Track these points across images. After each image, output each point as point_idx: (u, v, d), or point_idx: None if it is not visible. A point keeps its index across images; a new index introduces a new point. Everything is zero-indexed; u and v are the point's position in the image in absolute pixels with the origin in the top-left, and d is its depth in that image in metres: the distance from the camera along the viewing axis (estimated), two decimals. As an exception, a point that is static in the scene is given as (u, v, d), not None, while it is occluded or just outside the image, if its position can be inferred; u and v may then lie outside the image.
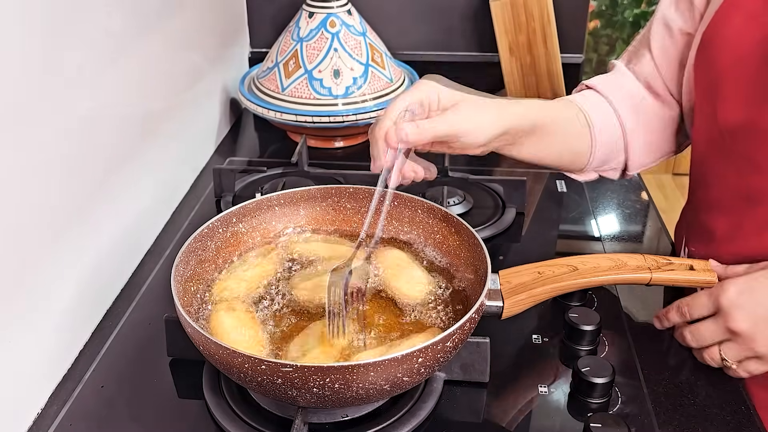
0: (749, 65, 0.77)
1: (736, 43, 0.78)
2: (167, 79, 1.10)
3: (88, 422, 0.74)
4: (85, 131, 0.83)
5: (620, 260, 0.80)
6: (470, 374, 0.76)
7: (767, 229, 0.78)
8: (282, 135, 1.37)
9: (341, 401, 0.64)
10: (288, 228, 0.90)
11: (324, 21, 1.27)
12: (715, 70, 0.80)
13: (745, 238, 0.81)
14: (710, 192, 0.86)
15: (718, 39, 0.80)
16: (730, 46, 0.78)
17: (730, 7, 0.79)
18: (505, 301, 0.76)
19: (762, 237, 0.79)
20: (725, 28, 0.79)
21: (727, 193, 0.83)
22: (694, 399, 0.76)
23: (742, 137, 0.78)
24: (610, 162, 0.95)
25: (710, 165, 0.85)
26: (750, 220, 0.80)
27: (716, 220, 0.84)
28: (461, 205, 1.09)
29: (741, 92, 0.78)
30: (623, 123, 0.93)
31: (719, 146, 0.82)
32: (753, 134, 0.77)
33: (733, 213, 0.82)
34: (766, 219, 0.78)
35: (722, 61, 0.79)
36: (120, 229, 0.93)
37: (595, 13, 2.81)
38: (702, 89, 0.83)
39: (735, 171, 0.80)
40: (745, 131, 0.78)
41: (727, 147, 0.80)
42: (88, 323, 0.86)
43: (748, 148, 0.78)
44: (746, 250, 0.80)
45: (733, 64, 0.78)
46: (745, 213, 0.80)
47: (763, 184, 0.78)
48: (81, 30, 0.82)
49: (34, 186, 0.74)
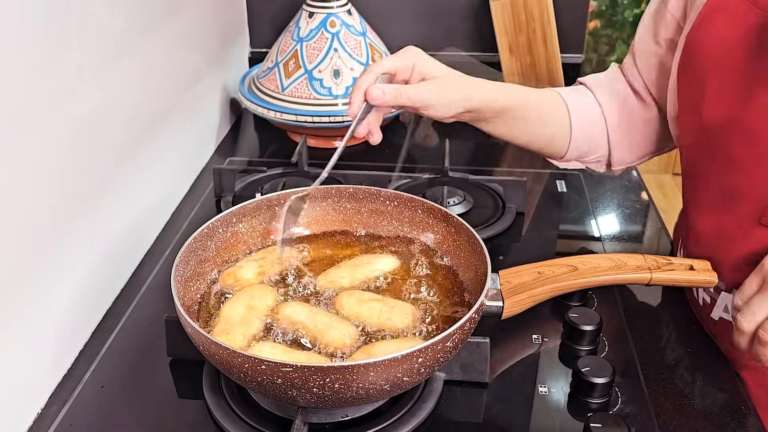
0: (731, 63, 0.77)
1: (719, 43, 0.78)
2: (167, 79, 1.10)
3: (88, 422, 0.74)
4: (85, 131, 0.83)
5: (620, 260, 0.80)
6: (470, 374, 0.76)
7: (751, 226, 0.78)
8: (282, 135, 1.37)
9: (341, 401, 0.64)
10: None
11: (324, 21, 1.27)
12: (699, 70, 0.81)
13: (731, 236, 0.81)
14: (696, 192, 0.87)
15: (702, 41, 0.80)
16: (713, 46, 0.79)
17: (712, 10, 0.80)
18: (505, 301, 0.76)
19: (747, 234, 0.79)
20: (708, 30, 0.80)
21: (711, 192, 0.83)
22: (694, 399, 0.76)
23: (724, 135, 0.79)
24: (593, 153, 0.98)
25: (695, 165, 0.86)
26: (732, 219, 0.80)
27: (703, 219, 0.85)
28: (461, 205, 1.09)
29: (724, 90, 0.78)
30: (606, 116, 0.96)
31: (704, 146, 0.82)
32: (735, 131, 0.77)
33: (717, 212, 0.82)
34: (747, 217, 0.78)
35: (706, 61, 0.80)
36: (120, 229, 0.93)
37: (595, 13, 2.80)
38: (687, 90, 0.84)
39: (718, 170, 0.81)
40: (727, 128, 0.78)
41: (711, 146, 0.81)
42: (88, 323, 0.86)
43: (730, 146, 0.78)
44: (734, 249, 0.80)
45: (716, 62, 0.79)
46: (727, 212, 0.81)
47: (744, 181, 0.78)
48: (81, 30, 0.82)
49: (34, 186, 0.74)
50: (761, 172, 0.76)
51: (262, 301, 0.77)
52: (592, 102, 0.97)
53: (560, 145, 0.96)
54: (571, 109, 0.95)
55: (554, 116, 0.95)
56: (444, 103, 0.82)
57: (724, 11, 0.78)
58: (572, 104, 0.96)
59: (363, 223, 0.91)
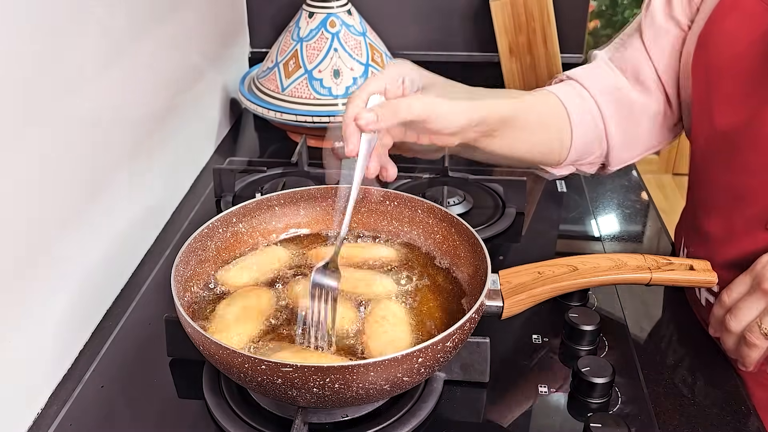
0: (744, 65, 0.76)
1: (732, 43, 0.77)
2: (167, 79, 1.10)
3: (88, 422, 0.74)
4: (85, 131, 0.83)
5: (620, 260, 0.80)
6: (470, 374, 0.76)
7: (758, 231, 0.78)
8: (282, 135, 1.37)
9: (341, 401, 0.64)
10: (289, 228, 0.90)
11: (324, 21, 1.27)
12: (711, 69, 0.80)
13: (737, 239, 0.80)
14: (705, 193, 0.86)
15: (715, 39, 0.79)
16: (726, 46, 0.78)
17: (726, 6, 0.78)
18: (505, 301, 0.76)
19: (753, 238, 0.79)
20: (721, 28, 0.79)
21: (720, 193, 0.82)
22: (694, 399, 0.76)
23: (735, 137, 0.78)
24: (590, 155, 0.93)
25: (706, 165, 0.85)
26: (741, 221, 0.80)
27: (710, 221, 0.84)
28: (461, 205, 1.09)
29: (736, 92, 0.77)
30: (603, 114, 0.91)
31: (715, 146, 0.82)
32: (746, 136, 0.77)
33: (726, 214, 0.82)
34: (756, 220, 0.78)
35: (719, 60, 0.79)
36: (120, 229, 0.93)
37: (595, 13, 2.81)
38: (700, 89, 0.83)
39: (728, 171, 0.80)
40: (738, 131, 0.78)
41: (722, 147, 0.80)
42: (88, 323, 0.86)
43: (742, 148, 0.78)
44: (738, 252, 0.80)
45: (729, 64, 0.78)
46: (736, 214, 0.80)
47: (754, 184, 0.78)
48: (81, 30, 0.82)
49: (34, 186, 0.74)
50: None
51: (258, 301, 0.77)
52: (588, 99, 0.91)
53: (561, 151, 0.90)
54: (569, 108, 0.90)
55: (554, 118, 0.89)
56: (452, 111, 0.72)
57: (737, 9, 0.77)
58: (569, 103, 0.90)
59: (363, 223, 0.91)
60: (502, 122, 0.79)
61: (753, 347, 0.74)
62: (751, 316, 0.73)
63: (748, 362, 0.76)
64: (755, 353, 0.74)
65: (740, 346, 0.75)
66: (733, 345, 0.76)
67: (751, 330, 0.73)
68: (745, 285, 0.75)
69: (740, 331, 0.74)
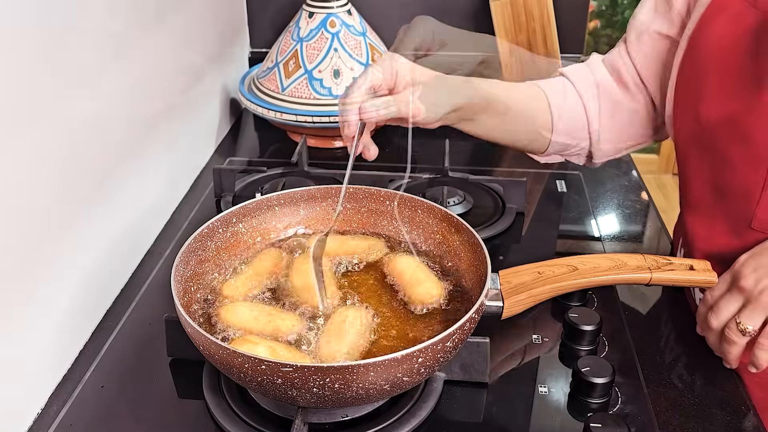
0: (731, 63, 0.78)
1: (720, 42, 0.79)
2: (167, 79, 1.10)
3: (88, 422, 0.74)
4: (85, 131, 0.83)
5: (620, 260, 0.80)
6: (470, 374, 0.76)
7: (741, 230, 0.79)
8: (282, 135, 1.37)
9: (341, 401, 0.64)
10: (289, 228, 0.90)
11: (324, 21, 1.27)
12: (700, 68, 0.81)
13: (718, 236, 0.81)
14: (690, 191, 0.87)
15: (703, 40, 0.81)
16: (714, 46, 0.79)
17: (714, 9, 0.80)
18: (505, 301, 0.76)
19: (734, 235, 0.79)
20: (710, 30, 0.80)
21: (703, 190, 0.84)
22: (694, 399, 0.76)
23: (720, 135, 0.79)
24: (574, 146, 0.97)
25: (690, 163, 0.86)
26: (722, 218, 0.81)
27: (695, 218, 0.85)
28: (461, 205, 1.09)
29: (722, 90, 0.79)
30: (587, 107, 0.95)
31: (698, 144, 0.83)
32: (731, 132, 0.78)
33: (708, 211, 0.83)
34: (736, 217, 0.79)
35: (707, 60, 0.80)
36: (120, 228, 0.93)
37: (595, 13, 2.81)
38: (685, 88, 0.84)
39: (710, 168, 0.81)
40: (723, 129, 0.78)
41: (706, 146, 0.81)
42: (88, 323, 0.86)
43: (726, 147, 0.78)
44: (720, 249, 0.80)
45: (717, 62, 0.79)
46: (717, 211, 0.81)
47: (735, 180, 0.78)
48: (81, 30, 0.82)
49: (34, 186, 0.74)
50: (754, 174, 0.76)
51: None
52: (572, 93, 0.95)
53: (542, 140, 0.95)
54: (552, 101, 0.94)
55: (536, 110, 0.93)
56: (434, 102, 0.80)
57: (726, 10, 0.78)
58: (552, 97, 0.94)
59: (363, 223, 0.91)
60: (480, 109, 0.86)
61: (732, 344, 0.76)
62: (730, 314, 0.75)
63: (730, 359, 0.77)
64: (735, 350, 0.76)
65: (721, 343, 0.77)
66: (715, 342, 0.78)
67: (730, 327, 0.75)
68: (726, 283, 0.77)
69: (720, 328, 0.76)
